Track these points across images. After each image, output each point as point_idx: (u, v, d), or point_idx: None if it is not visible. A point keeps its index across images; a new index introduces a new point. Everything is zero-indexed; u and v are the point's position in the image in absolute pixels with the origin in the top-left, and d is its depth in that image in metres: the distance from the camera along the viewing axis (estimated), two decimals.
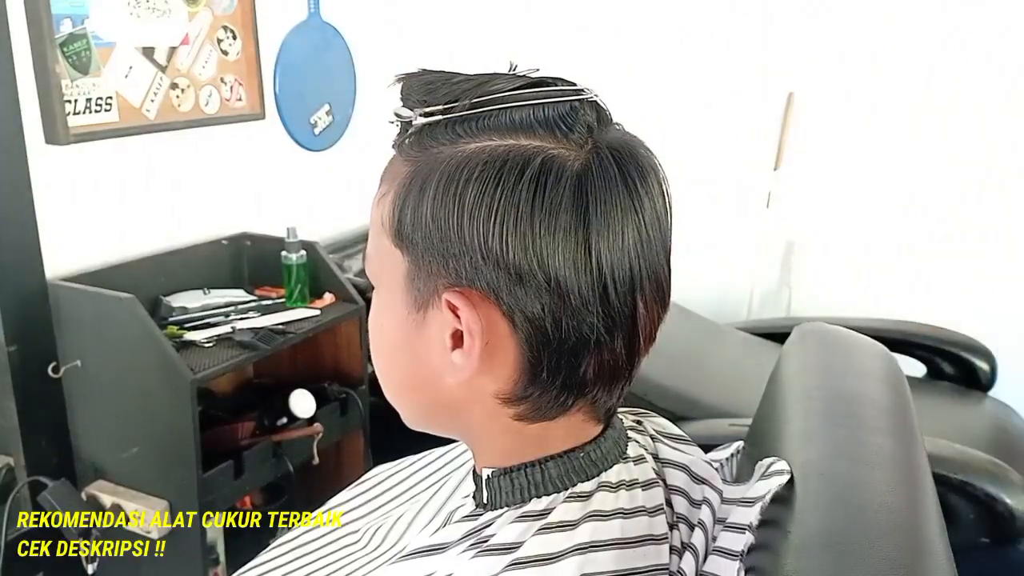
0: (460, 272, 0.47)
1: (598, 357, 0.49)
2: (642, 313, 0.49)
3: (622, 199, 0.47)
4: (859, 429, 0.69)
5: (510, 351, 0.48)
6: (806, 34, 2.28)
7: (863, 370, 0.84)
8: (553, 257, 0.45)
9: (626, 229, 0.47)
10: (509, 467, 0.53)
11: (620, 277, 0.47)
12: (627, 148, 0.49)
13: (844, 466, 0.61)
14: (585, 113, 0.48)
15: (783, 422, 0.73)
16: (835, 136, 2.33)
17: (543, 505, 0.52)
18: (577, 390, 0.50)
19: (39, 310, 1.51)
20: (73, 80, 1.51)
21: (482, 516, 0.53)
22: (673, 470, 0.57)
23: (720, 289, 2.53)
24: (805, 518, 0.54)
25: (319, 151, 2.17)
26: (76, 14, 1.50)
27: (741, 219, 2.50)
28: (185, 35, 1.74)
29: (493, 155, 0.46)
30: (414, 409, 0.57)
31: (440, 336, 0.49)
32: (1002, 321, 2.07)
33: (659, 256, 0.49)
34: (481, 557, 0.50)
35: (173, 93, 1.73)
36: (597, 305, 0.47)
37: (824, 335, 0.94)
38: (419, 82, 0.50)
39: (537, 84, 0.50)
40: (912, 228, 2.25)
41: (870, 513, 0.55)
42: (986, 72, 2.09)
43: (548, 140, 0.47)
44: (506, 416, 0.51)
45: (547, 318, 0.46)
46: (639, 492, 0.54)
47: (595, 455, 0.53)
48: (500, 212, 0.45)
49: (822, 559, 0.50)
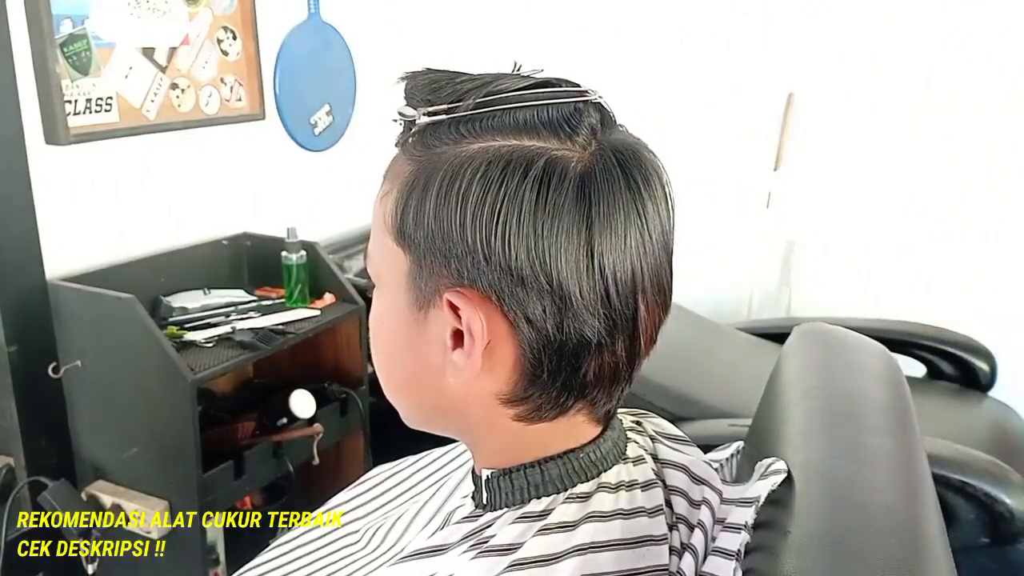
0: (462, 272, 0.47)
1: (599, 359, 0.49)
2: (643, 316, 0.49)
3: (625, 201, 0.47)
4: (859, 429, 0.69)
5: (510, 352, 0.48)
6: (806, 34, 2.28)
7: (863, 370, 0.84)
8: (556, 259, 0.45)
9: (629, 231, 0.47)
10: (508, 468, 0.53)
11: (622, 280, 0.47)
12: (631, 150, 0.48)
13: (844, 466, 0.61)
14: (589, 114, 0.48)
15: (783, 422, 0.73)
16: (835, 136, 2.33)
17: (543, 506, 0.51)
18: (577, 392, 0.50)
19: (39, 310, 1.51)
20: (73, 80, 1.51)
21: (482, 517, 0.53)
22: (672, 471, 0.57)
23: (720, 289, 2.53)
24: (805, 518, 0.54)
25: (319, 151, 2.16)
26: (76, 14, 1.50)
27: (741, 219, 2.50)
28: (185, 35, 1.74)
29: (497, 155, 0.46)
30: (414, 408, 0.57)
31: (441, 336, 0.49)
32: (1002, 321, 2.07)
33: (661, 259, 0.49)
34: (481, 558, 0.50)
35: (173, 93, 1.73)
36: (599, 308, 0.47)
37: (824, 335, 0.94)
38: (423, 81, 0.50)
39: (542, 85, 0.49)
40: (912, 228, 2.25)
41: (870, 513, 0.55)
42: (986, 72, 2.09)
43: (552, 141, 0.47)
44: (506, 417, 0.51)
45: (548, 320, 0.46)
46: (639, 493, 0.54)
47: (594, 456, 0.53)
48: (503, 213, 0.45)
49: (822, 559, 0.50)
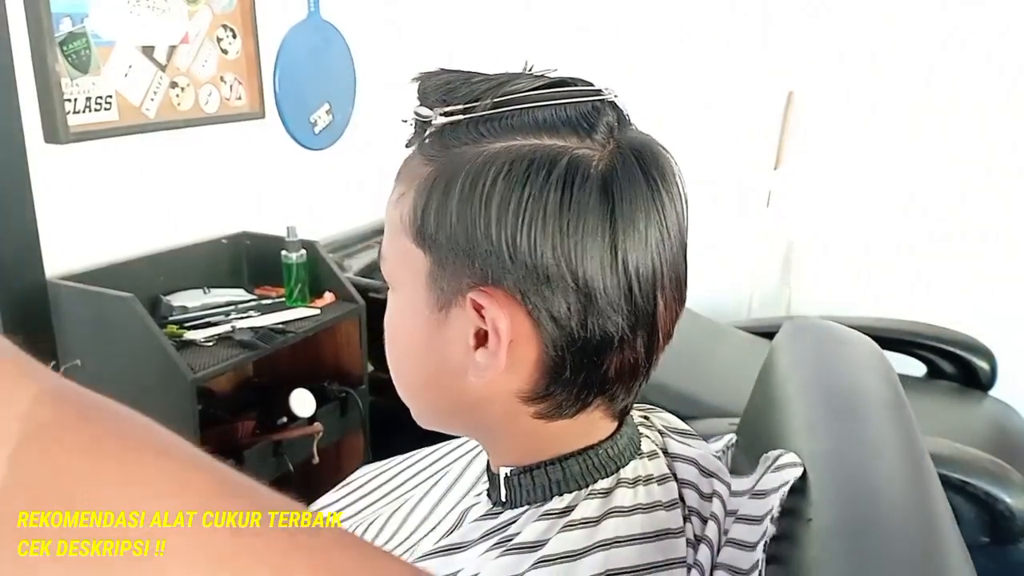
0: (486, 271, 0.47)
1: (620, 355, 0.49)
2: (662, 311, 0.49)
3: (645, 199, 0.47)
4: (862, 421, 0.70)
5: (532, 350, 0.48)
6: (806, 34, 2.28)
7: (857, 364, 0.86)
8: (581, 257, 0.46)
9: (650, 228, 0.47)
10: (529, 465, 0.54)
11: (644, 276, 0.48)
12: (648, 148, 0.49)
13: (854, 456, 0.63)
14: (606, 113, 0.49)
15: (784, 415, 0.74)
16: (835, 136, 2.32)
17: (565, 503, 0.52)
18: (598, 388, 0.50)
19: (39, 309, 1.50)
20: (73, 79, 1.51)
21: (501, 515, 0.54)
22: (683, 464, 0.58)
23: (720, 289, 2.53)
24: (823, 507, 0.56)
25: (319, 150, 2.16)
26: (76, 13, 1.50)
27: (741, 219, 2.50)
28: (185, 34, 1.74)
29: (519, 155, 0.46)
30: (430, 409, 0.57)
31: (462, 335, 0.49)
32: (1002, 321, 2.07)
33: (678, 254, 0.50)
34: (507, 556, 0.50)
35: (173, 92, 1.73)
36: (622, 304, 0.47)
37: (816, 330, 0.96)
38: (438, 81, 0.50)
39: (557, 84, 0.50)
40: (912, 228, 2.25)
41: (886, 501, 0.57)
42: (986, 72, 2.09)
43: (571, 140, 0.47)
44: (526, 415, 0.51)
45: (573, 317, 0.47)
46: (655, 487, 0.54)
47: (612, 452, 0.54)
48: (528, 212, 0.45)
49: (846, 545, 0.52)
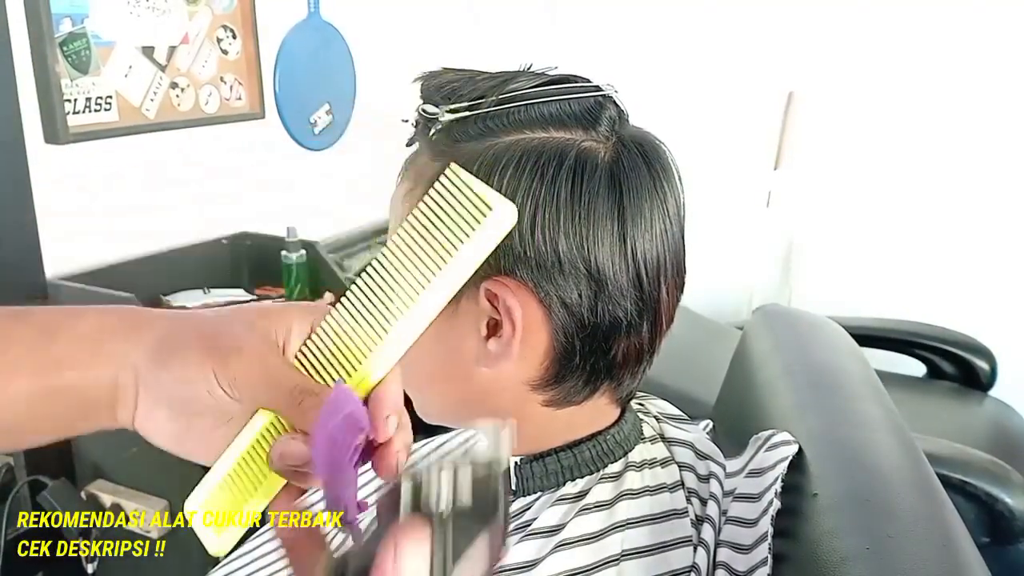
0: (499, 261, 0.48)
1: (627, 340, 0.51)
2: (665, 297, 0.51)
3: (650, 189, 0.49)
4: (847, 398, 0.73)
5: (543, 338, 0.50)
6: (806, 34, 2.28)
7: (832, 345, 0.90)
8: (594, 245, 0.48)
9: (654, 217, 0.49)
10: (539, 453, 0.55)
11: (650, 262, 0.50)
12: (648, 141, 0.52)
13: (847, 431, 0.65)
14: (607, 108, 0.51)
15: (770, 396, 0.77)
16: (835, 136, 2.32)
17: (579, 488, 0.54)
18: (606, 373, 0.52)
19: None
20: (73, 79, 1.51)
21: (513, 503, 0.55)
22: (680, 448, 0.60)
23: (720, 289, 2.53)
24: (827, 481, 0.57)
25: (319, 150, 2.16)
26: (76, 13, 1.50)
27: (741, 219, 2.50)
28: (185, 34, 1.74)
29: (528, 147, 0.48)
30: (439, 401, 0.57)
31: (474, 325, 0.51)
32: (1002, 321, 2.06)
33: (679, 242, 0.52)
34: (527, 541, 0.51)
35: (173, 92, 1.73)
36: (631, 290, 0.49)
37: (787, 316, 1.00)
38: (442, 80, 0.52)
39: (559, 81, 0.52)
40: (912, 228, 2.25)
41: (886, 471, 0.59)
42: (986, 72, 2.09)
43: (578, 133, 0.49)
44: (535, 403, 0.53)
45: (584, 304, 0.48)
46: (659, 470, 0.56)
47: (619, 437, 0.56)
48: (542, 203, 0.47)
49: (856, 515, 0.54)
